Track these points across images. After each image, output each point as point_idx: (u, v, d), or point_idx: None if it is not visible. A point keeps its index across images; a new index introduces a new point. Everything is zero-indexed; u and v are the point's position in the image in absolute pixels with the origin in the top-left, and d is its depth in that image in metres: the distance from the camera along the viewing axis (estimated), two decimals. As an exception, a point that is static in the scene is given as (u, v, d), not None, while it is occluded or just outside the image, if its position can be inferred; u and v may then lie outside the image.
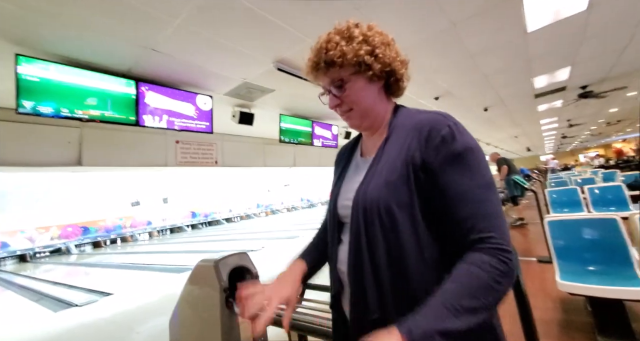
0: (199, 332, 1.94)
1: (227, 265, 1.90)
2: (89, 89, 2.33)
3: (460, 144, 0.54)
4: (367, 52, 0.63)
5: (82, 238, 12.67)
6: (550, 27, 2.78)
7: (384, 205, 0.55)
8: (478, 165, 0.54)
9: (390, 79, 0.67)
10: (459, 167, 0.53)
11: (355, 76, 0.64)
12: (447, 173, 0.53)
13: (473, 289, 0.46)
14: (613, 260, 1.71)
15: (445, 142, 0.54)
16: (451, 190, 0.52)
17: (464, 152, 0.54)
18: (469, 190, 0.52)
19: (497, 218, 0.51)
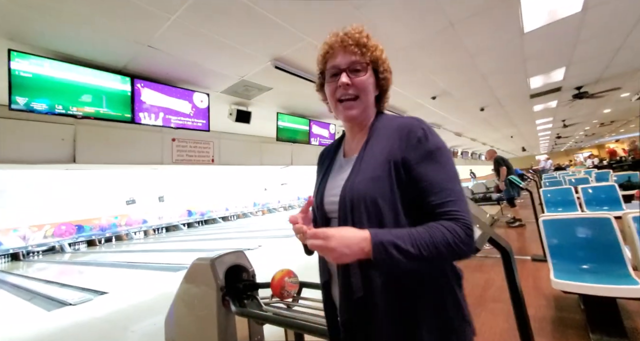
0: (195, 330, 1.94)
1: (223, 263, 1.91)
2: (83, 86, 2.30)
3: (432, 144, 0.65)
4: (384, 63, 0.75)
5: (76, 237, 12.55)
6: (546, 27, 2.80)
7: (371, 198, 0.63)
8: (446, 161, 0.65)
9: (381, 94, 0.78)
10: (432, 162, 0.64)
11: (371, 71, 0.73)
12: (422, 166, 0.64)
13: (436, 238, 0.56)
14: (606, 259, 1.74)
15: (420, 142, 0.65)
16: (426, 180, 0.63)
17: (435, 151, 0.65)
18: (441, 180, 0.62)
19: (463, 202, 0.61)
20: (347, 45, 0.70)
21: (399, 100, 4.48)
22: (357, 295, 0.63)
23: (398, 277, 0.61)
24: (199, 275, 1.94)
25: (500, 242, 0.93)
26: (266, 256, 5.67)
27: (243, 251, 2.10)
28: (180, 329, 2.11)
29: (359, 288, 0.63)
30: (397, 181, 0.64)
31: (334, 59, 0.72)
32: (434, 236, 0.57)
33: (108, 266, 7.60)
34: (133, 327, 2.74)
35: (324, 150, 0.90)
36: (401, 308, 0.61)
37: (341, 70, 0.71)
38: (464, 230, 0.58)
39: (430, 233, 0.57)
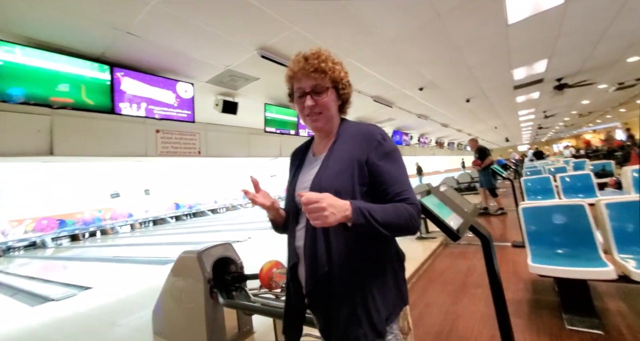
0: (183, 323, 1.95)
1: (210, 256, 1.91)
2: (59, 74, 2.19)
3: (388, 146, 0.82)
4: (343, 80, 0.87)
5: (58, 232, 12.17)
6: (529, 19, 2.84)
7: (334, 191, 0.74)
8: (400, 160, 0.83)
9: (343, 103, 0.91)
10: (390, 160, 0.80)
11: (332, 89, 0.86)
12: (382, 164, 0.79)
13: (398, 212, 0.73)
14: (579, 244, 1.83)
15: (380, 144, 0.81)
16: (387, 174, 0.79)
17: (391, 151, 0.82)
18: (397, 175, 0.79)
19: (413, 191, 0.79)
20: (309, 72, 0.82)
21: (386, 92, 4.49)
22: (322, 271, 0.76)
23: (354, 258, 0.77)
24: (186, 268, 1.93)
25: (480, 229, 0.96)
26: (256, 248, 5.69)
27: (231, 243, 2.10)
28: (168, 322, 2.11)
29: (324, 265, 0.77)
30: (358, 176, 0.78)
31: (299, 82, 0.85)
32: (397, 210, 0.73)
33: (93, 260, 7.44)
34: (120, 321, 2.71)
35: (295, 149, 1.04)
36: (355, 282, 0.76)
37: (306, 93, 0.84)
38: (417, 212, 0.76)
39: (395, 208, 0.74)
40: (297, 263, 0.85)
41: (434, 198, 0.99)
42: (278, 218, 0.93)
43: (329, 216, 0.65)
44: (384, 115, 6.05)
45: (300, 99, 0.86)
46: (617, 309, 1.82)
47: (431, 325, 1.90)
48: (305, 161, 0.95)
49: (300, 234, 0.84)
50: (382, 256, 0.80)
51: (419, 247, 3.67)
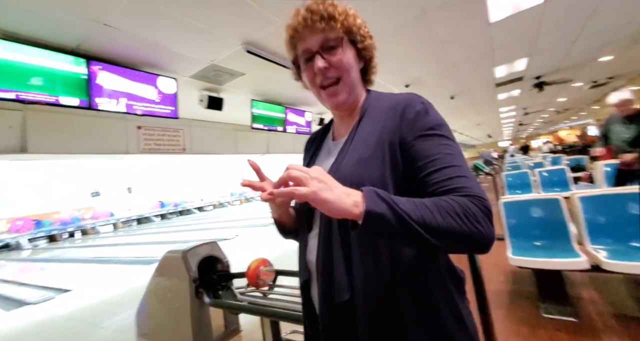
0: (169, 323, 1.92)
1: (196, 255, 1.88)
2: (31, 67, 2.08)
3: (432, 119, 0.57)
4: (364, 31, 0.64)
5: (35, 232, 11.65)
6: (510, 18, 2.91)
7: (356, 181, 0.53)
8: (449, 137, 0.57)
9: (366, 66, 0.68)
10: (434, 137, 0.55)
11: (348, 43, 0.63)
12: (421, 142, 0.55)
13: (445, 206, 0.46)
14: (555, 236, 1.92)
15: (419, 116, 0.57)
16: (428, 156, 0.53)
17: (436, 126, 0.56)
18: (445, 155, 0.53)
19: (474, 181, 0.52)
20: (313, 23, 0.60)
21: (374, 88, 4.52)
22: (340, 299, 0.54)
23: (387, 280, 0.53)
24: (171, 268, 1.89)
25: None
26: (243, 246, 5.64)
27: (217, 242, 2.07)
28: (153, 323, 2.06)
29: (343, 290, 0.54)
30: (390, 163, 0.55)
31: (303, 41, 0.62)
32: (442, 204, 0.46)
33: (72, 262, 7.18)
34: (101, 324, 2.64)
35: (311, 135, 0.81)
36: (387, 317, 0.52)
37: (314, 52, 0.61)
38: (481, 208, 0.46)
39: (438, 203, 0.47)
40: (310, 280, 0.63)
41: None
42: (285, 219, 0.71)
43: (339, 200, 0.44)
44: (371, 111, 6.09)
45: (308, 64, 0.63)
46: (589, 297, 1.93)
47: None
48: (323, 148, 0.73)
49: (313, 244, 0.63)
50: (428, 277, 0.55)
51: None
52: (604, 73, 6.03)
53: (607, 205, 1.90)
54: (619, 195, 1.88)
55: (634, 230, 1.77)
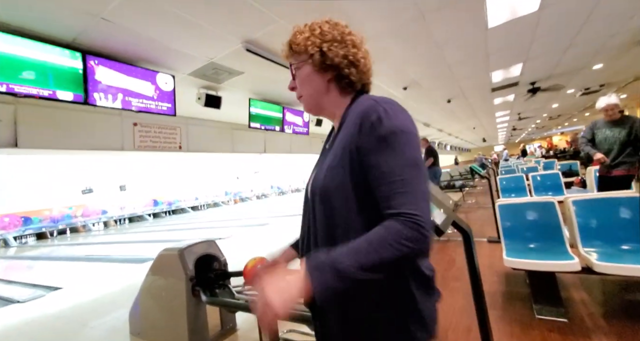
0: (164, 322, 1.89)
1: (193, 253, 1.86)
2: (24, 60, 2.04)
3: (385, 128, 0.58)
4: (314, 44, 0.68)
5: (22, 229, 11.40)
6: (507, 24, 2.97)
7: (325, 188, 0.62)
8: (400, 146, 0.57)
9: (337, 74, 0.70)
10: (383, 149, 0.57)
11: (304, 64, 0.70)
12: (374, 155, 0.57)
13: (372, 242, 0.50)
14: (549, 238, 1.96)
15: (373, 127, 0.58)
16: (376, 170, 0.56)
17: (388, 135, 0.57)
18: (389, 170, 0.55)
19: (413, 193, 0.54)
20: (286, 52, 0.73)
21: (372, 90, 4.54)
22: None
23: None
24: (166, 266, 1.87)
25: (462, 224, 1.00)
26: (238, 246, 5.61)
27: (214, 240, 2.06)
28: (147, 322, 2.04)
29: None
30: (350, 172, 0.59)
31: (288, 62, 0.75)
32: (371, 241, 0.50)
33: (62, 260, 7.04)
34: (92, 323, 2.59)
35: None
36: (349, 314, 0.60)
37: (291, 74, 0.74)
38: (409, 225, 0.50)
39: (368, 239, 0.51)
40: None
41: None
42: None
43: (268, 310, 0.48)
44: (368, 113, 6.12)
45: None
46: (580, 298, 1.96)
47: (412, 318, 1.95)
48: (321, 154, 0.77)
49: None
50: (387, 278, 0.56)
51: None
52: (595, 80, 6.17)
53: (599, 209, 1.94)
54: (610, 200, 1.93)
55: (624, 233, 1.81)
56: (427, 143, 5.89)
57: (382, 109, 0.59)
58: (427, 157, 5.65)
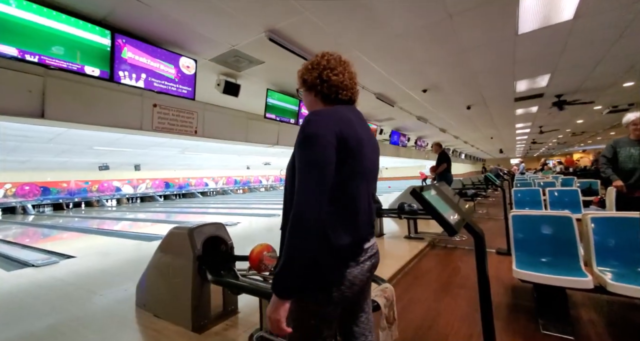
0: (169, 297, 1.94)
1: (202, 233, 1.90)
2: (57, 33, 2.10)
3: (304, 132, 0.81)
4: (300, 75, 1.02)
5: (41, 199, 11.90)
6: (538, 31, 2.86)
7: (285, 178, 0.89)
8: (307, 149, 0.79)
9: (318, 93, 0.97)
10: (299, 150, 0.80)
11: (304, 92, 1.03)
12: (296, 152, 0.81)
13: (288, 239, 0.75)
14: (563, 254, 1.90)
15: (300, 131, 0.82)
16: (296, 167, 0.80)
17: (303, 139, 0.80)
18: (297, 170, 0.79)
19: (301, 192, 0.76)
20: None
21: (390, 90, 4.48)
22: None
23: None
24: (176, 244, 1.92)
25: (475, 227, 0.98)
26: (244, 233, 5.68)
27: (222, 224, 2.09)
28: (152, 295, 2.10)
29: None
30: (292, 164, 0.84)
31: None
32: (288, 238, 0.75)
33: (76, 231, 7.32)
34: (101, 292, 2.68)
35: None
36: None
37: None
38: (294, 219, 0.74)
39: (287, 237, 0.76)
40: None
41: (434, 194, 1.00)
42: None
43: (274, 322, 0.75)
44: (385, 113, 6.05)
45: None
46: (589, 318, 1.90)
47: (412, 320, 1.95)
48: None
49: None
50: None
51: (405, 245, 3.73)
52: (625, 98, 5.90)
53: (619, 228, 1.87)
54: (631, 220, 1.85)
55: (643, 256, 1.74)
56: (440, 148, 5.78)
57: (311, 116, 0.84)
58: (441, 162, 5.55)
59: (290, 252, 0.74)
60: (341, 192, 0.82)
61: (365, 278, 0.88)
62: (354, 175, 0.84)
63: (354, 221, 0.85)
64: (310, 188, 0.75)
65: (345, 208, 0.83)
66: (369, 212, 0.91)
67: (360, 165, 0.86)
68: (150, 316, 2.06)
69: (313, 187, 0.75)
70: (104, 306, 2.37)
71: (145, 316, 2.08)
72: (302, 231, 0.73)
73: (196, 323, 1.78)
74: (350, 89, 0.97)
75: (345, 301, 0.84)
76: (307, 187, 0.75)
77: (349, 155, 0.82)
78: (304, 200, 0.74)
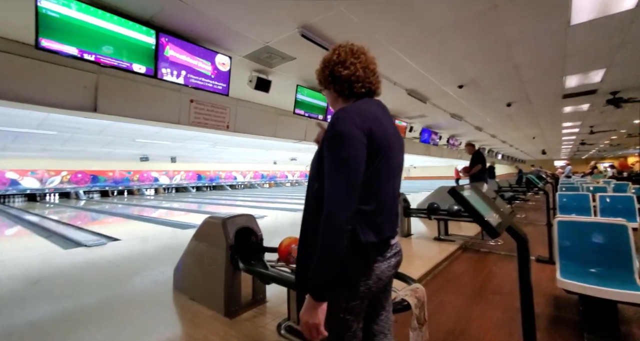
0: (203, 283, 2.06)
1: (234, 224, 1.98)
2: (109, 33, 2.27)
3: (334, 131, 0.79)
4: (316, 76, 1.00)
5: (90, 186, 13.10)
6: (594, 22, 2.59)
7: (311, 171, 0.88)
8: (337, 149, 0.77)
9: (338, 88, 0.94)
10: (329, 149, 0.79)
11: (325, 90, 1.02)
12: (324, 154, 0.80)
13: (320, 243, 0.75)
14: (615, 265, 1.72)
15: (329, 129, 0.81)
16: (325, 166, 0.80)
17: (332, 138, 0.78)
18: (326, 170, 0.78)
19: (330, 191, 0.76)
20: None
21: (423, 86, 4.32)
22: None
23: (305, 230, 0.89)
24: (210, 233, 2.02)
25: (519, 231, 0.92)
26: (271, 227, 5.83)
27: (253, 215, 2.16)
28: (188, 280, 2.24)
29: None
30: (319, 164, 0.83)
31: None
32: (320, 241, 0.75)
33: (120, 216, 7.97)
34: (143, 273, 2.92)
35: None
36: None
37: None
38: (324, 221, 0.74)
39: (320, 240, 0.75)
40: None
41: (475, 195, 0.96)
42: None
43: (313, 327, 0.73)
44: (416, 110, 5.85)
45: None
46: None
47: (443, 323, 1.90)
48: None
49: None
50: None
51: (435, 247, 3.62)
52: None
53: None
54: (703, 232, 1.63)
55: None
56: (473, 148, 5.49)
57: (339, 115, 0.82)
58: (475, 163, 5.28)
59: (324, 253, 0.73)
60: (370, 190, 0.81)
61: (391, 275, 0.89)
62: (383, 173, 0.84)
63: (381, 218, 0.85)
64: (341, 187, 0.74)
65: (374, 205, 0.83)
66: (395, 208, 0.92)
67: (388, 162, 0.85)
68: (186, 299, 2.20)
69: (344, 186, 0.74)
70: (145, 286, 2.57)
71: (181, 298, 2.22)
72: (335, 231, 0.73)
73: (228, 308, 1.87)
74: (365, 80, 0.91)
75: (371, 295, 0.85)
76: (338, 186, 0.75)
77: (378, 153, 0.81)
78: (334, 200, 0.74)
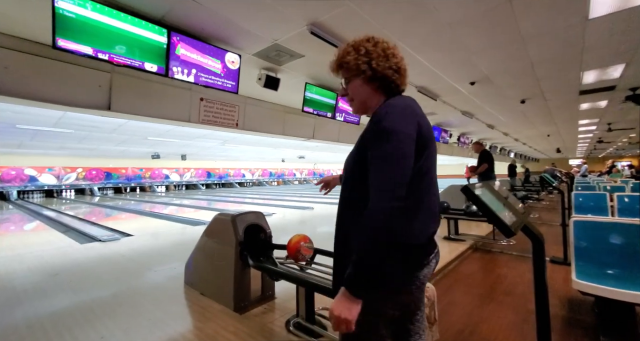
0: (213, 278, 2.09)
1: (243, 221, 1.99)
2: (121, 32, 2.30)
3: (385, 125, 0.75)
4: (364, 62, 0.86)
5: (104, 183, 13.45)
6: (614, 15, 2.49)
7: (345, 172, 0.87)
8: (390, 143, 0.73)
9: (383, 82, 0.87)
10: (379, 142, 0.74)
11: (354, 77, 0.89)
12: (371, 147, 0.76)
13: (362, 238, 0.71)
14: (634, 266, 1.66)
15: (375, 122, 0.77)
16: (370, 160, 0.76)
17: (382, 132, 0.75)
18: (375, 163, 0.74)
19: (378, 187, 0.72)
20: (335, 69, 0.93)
21: (433, 83, 4.25)
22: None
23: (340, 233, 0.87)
24: (220, 229, 2.04)
25: (534, 230, 0.90)
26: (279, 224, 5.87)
27: (262, 213, 2.18)
28: (199, 276, 2.28)
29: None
30: (357, 159, 0.81)
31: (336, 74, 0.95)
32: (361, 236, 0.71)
33: (133, 212, 8.17)
34: (155, 268, 2.99)
35: None
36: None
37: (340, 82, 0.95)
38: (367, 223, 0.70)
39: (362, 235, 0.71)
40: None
41: (488, 193, 0.93)
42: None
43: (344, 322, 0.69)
44: (426, 108, 5.77)
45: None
46: (663, 343, 1.66)
47: (453, 323, 1.88)
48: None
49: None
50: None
51: (444, 246, 3.57)
52: None
53: None
54: None
55: None
56: (481, 147, 5.38)
57: (388, 110, 0.78)
58: (482, 162, 5.16)
59: (366, 249, 0.70)
60: (417, 186, 0.77)
61: (430, 275, 0.86)
62: (429, 169, 0.81)
63: (428, 216, 0.82)
64: (388, 183, 0.71)
65: (421, 202, 0.80)
66: (437, 205, 0.89)
67: (431, 157, 0.83)
68: (197, 293, 2.24)
69: (391, 183, 0.71)
70: (157, 281, 2.63)
71: (192, 293, 2.27)
72: (380, 228, 0.69)
73: (237, 304, 1.90)
74: (405, 76, 0.91)
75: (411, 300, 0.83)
76: (385, 182, 0.71)
77: (425, 148, 0.78)
78: (381, 197, 0.70)
